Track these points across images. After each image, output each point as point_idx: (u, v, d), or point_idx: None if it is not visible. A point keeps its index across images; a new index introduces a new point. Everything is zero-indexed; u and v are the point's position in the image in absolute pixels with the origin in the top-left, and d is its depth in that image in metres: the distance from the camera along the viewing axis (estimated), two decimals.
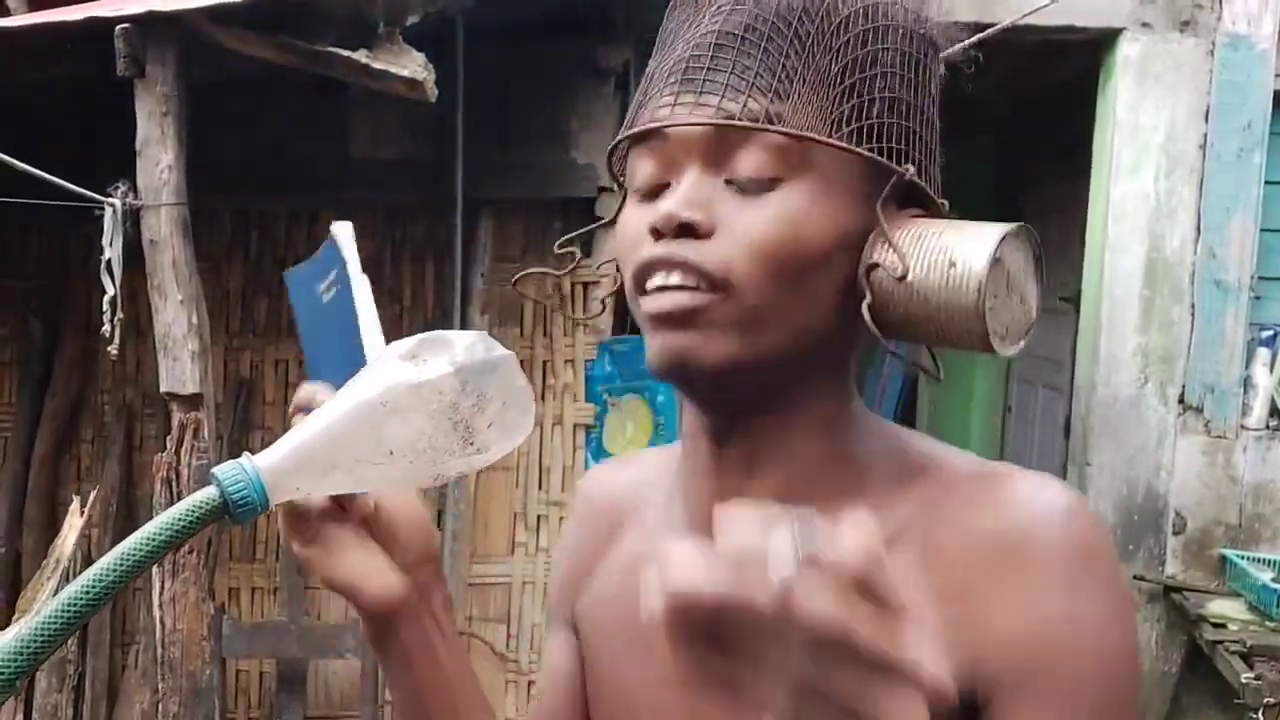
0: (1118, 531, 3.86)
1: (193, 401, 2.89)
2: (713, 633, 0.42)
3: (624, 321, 3.86)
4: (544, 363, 3.77)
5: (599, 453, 3.80)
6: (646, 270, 0.73)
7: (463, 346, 0.70)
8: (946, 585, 0.71)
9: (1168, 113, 3.74)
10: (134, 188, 2.87)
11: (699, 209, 0.71)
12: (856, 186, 0.73)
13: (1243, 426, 3.81)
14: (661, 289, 0.72)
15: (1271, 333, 3.82)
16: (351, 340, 0.83)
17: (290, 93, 3.15)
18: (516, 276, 1.00)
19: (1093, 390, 3.86)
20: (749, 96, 0.71)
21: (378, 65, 2.76)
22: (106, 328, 2.86)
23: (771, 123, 0.70)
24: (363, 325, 0.83)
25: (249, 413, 3.82)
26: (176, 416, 2.90)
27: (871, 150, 0.72)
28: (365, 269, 0.86)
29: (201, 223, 3.04)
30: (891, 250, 0.72)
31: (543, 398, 3.76)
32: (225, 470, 0.68)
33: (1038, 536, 0.70)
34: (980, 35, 2.91)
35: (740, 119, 0.71)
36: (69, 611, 0.63)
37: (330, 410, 0.70)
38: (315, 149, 3.66)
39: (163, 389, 2.91)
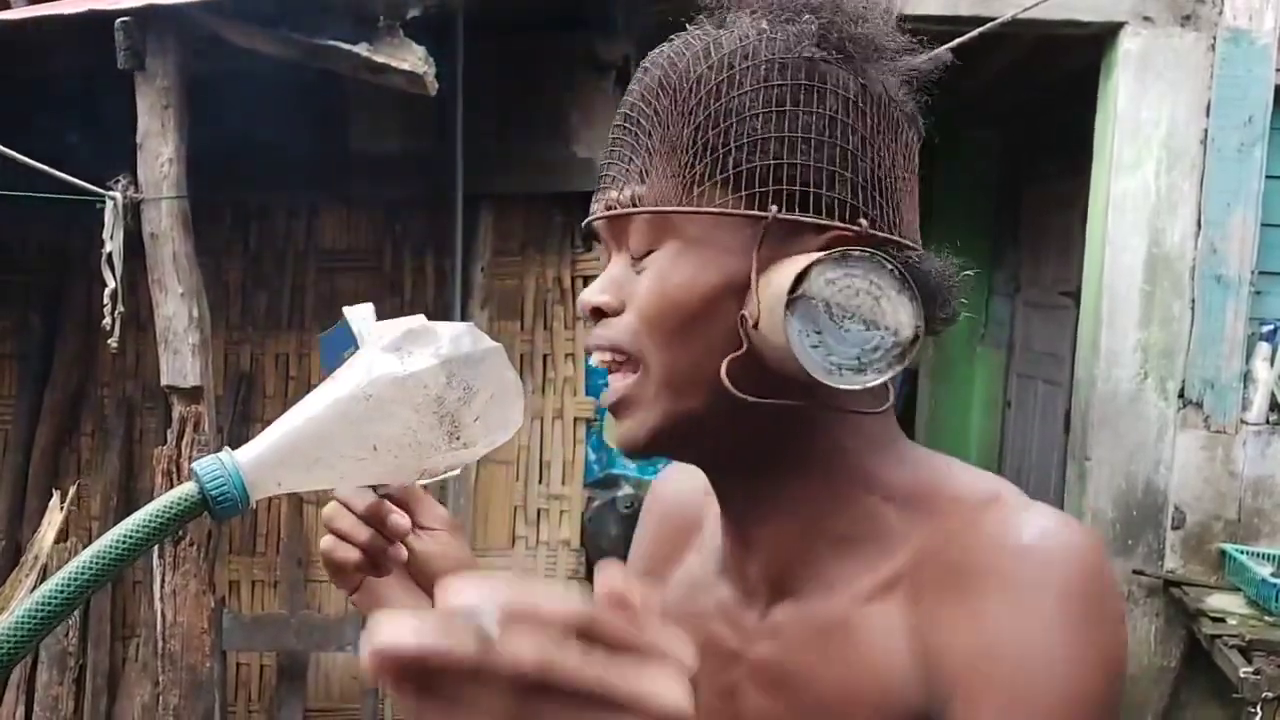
0: (1117, 526, 3.86)
1: (193, 395, 2.89)
2: (424, 684, 0.44)
3: None
4: (544, 356, 3.77)
5: (599, 446, 3.80)
6: (587, 348, 0.81)
7: (449, 338, 0.69)
8: (920, 620, 0.73)
9: (1169, 107, 3.73)
10: (134, 181, 2.87)
11: (607, 292, 0.78)
12: (733, 238, 0.74)
13: (1242, 421, 3.81)
14: (606, 381, 0.80)
15: (1272, 328, 3.81)
16: None
17: (290, 86, 3.15)
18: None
19: (1093, 385, 3.86)
20: (626, 184, 0.77)
21: (378, 59, 2.76)
22: (107, 321, 2.86)
23: (635, 205, 0.75)
24: None
25: (249, 406, 3.82)
26: (177, 410, 2.91)
27: (726, 202, 0.73)
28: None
29: (201, 216, 3.03)
30: (754, 298, 0.72)
31: (543, 391, 3.76)
32: (205, 465, 0.66)
33: (992, 565, 0.70)
34: (981, 29, 2.91)
35: (616, 207, 0.77)
36: (43, 610, 0.61)
37: (313, 404, 0.68)
38: (315, 142, 3.66)
39: (164, 382, 2.91)
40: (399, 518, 0.81)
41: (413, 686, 0.44)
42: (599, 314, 0.78)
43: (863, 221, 0.73)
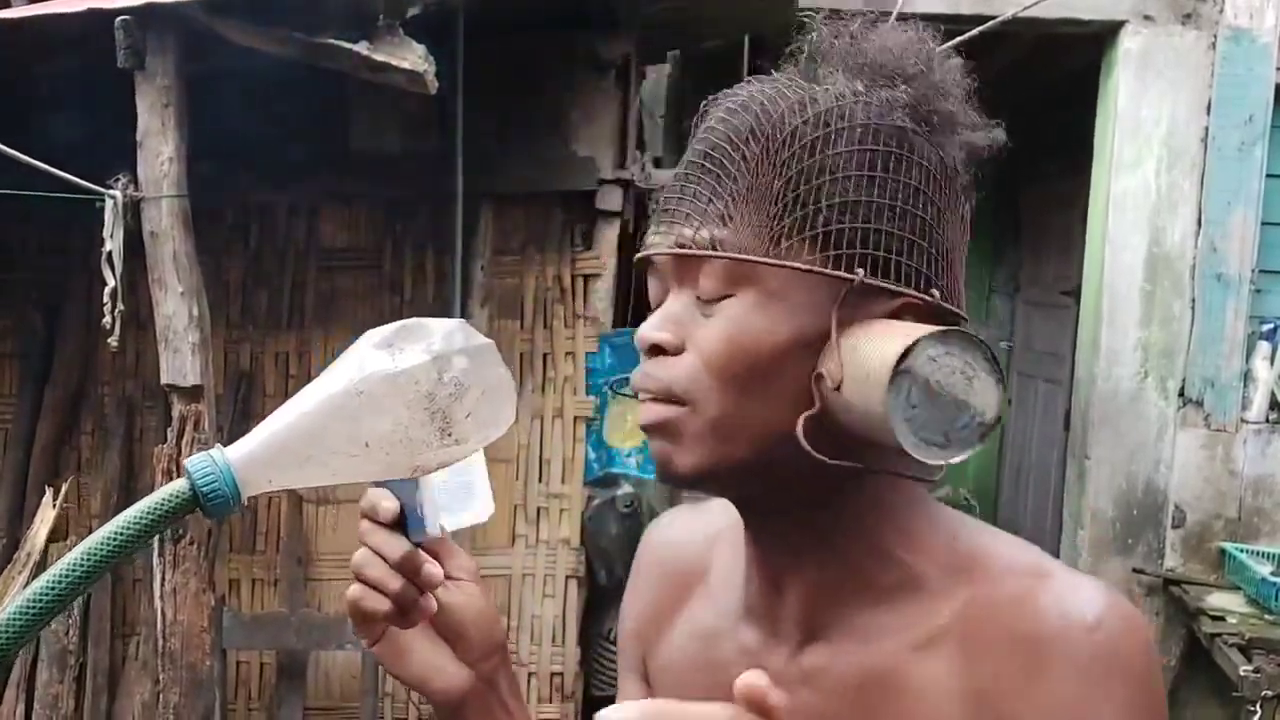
0: (1117, 524, 3.86)
1: (193, 394, 2.89)
2: None
3: (624, 314, 3.86)
4: (544, 355, 3.77)
5: (599, 445, 3.80)
6: (636, 387, 0.80)
7: (440, 335, 0.69)
8: (982, 682, 0.74)
9: (1169, 106, 3.73)
10: (134, 180, 2.87)
11: (668, 329, 0.77)
12: (812, 295, 0.74)
13: (1243, 420, 3.81)
14: (643, 402, 0.79)
15: (1272, 326, 3.82)
16: None
17: (290, 85, 3.15)
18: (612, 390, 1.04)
19: (1093, 384, 3.86)
20: (701, 224, 0.76)
21: (378, 57, 2.76)
22: (107, 320, 2.86)
23: (715, 248, 0.75)
24: None
25: (249, 405, 3.82)
26: (177, 409, 2.91)
27: (814, 260, 0.73)
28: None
29: (202, 215, 3.03)
30: (835, 359, 0.73)
31: (543, 390, 3.76)
32: (196, 462, 0.66)
33: (1062, 641, 0.72)
34: (981, 28, 2.91)
35: (691, 246, 0.76)
36: (35, 607, 0.61)
37: (304, 400, 0.68)
38: (315, 141, 3.66)
39: (163, 381, 2.91)
40: (432, 567, 0.79)
41: None
42: (657, 351, 0.78)
43: (935, 292, 0.75)
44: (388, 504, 0.78)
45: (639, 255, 0.82)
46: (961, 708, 0.75)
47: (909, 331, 0.71)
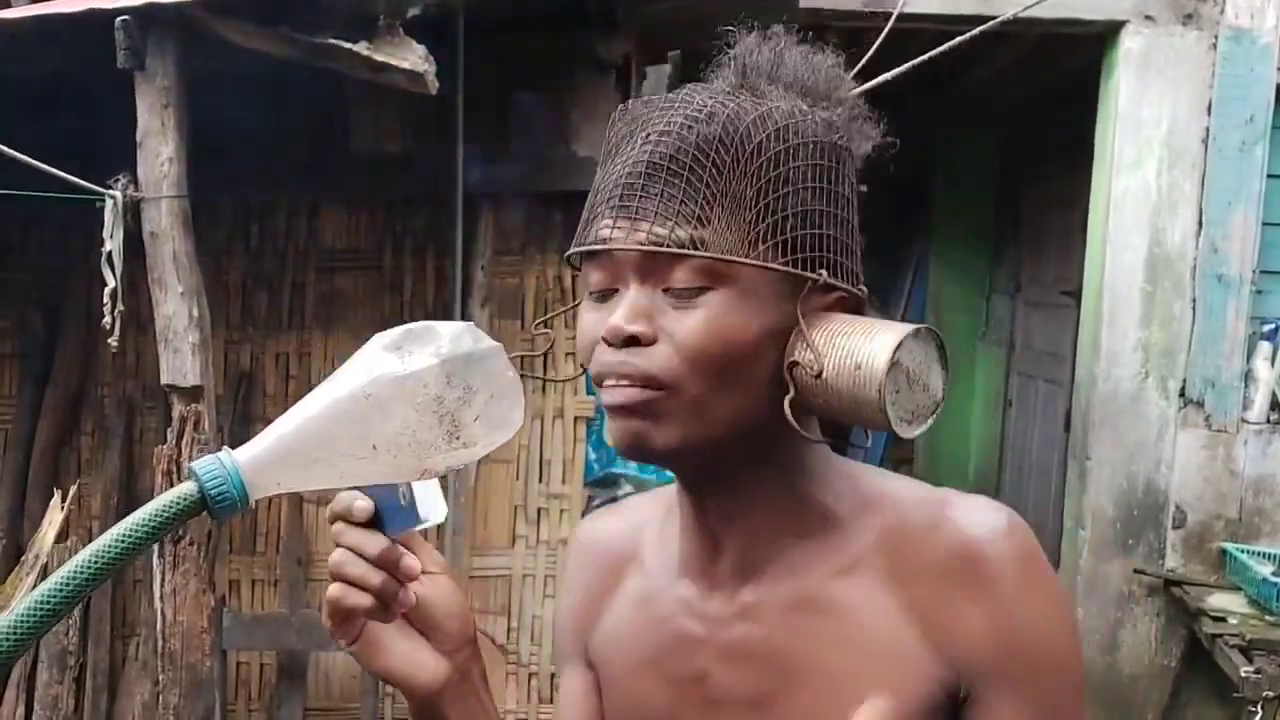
0: (1118, 525, 3.87)
1: (193, 394, 2.89)
2: None
3: None
4: (545, 356, 3.76)
5: (599, 445, 3.80)
6: (601, 376, 0.87)
7: (449, 338, 0.69)
8: (916, 596, 0.87)
9: (1170, 106, 3.73)
10: (134, 180, 2.87)
11: (641, 321, 0.84)
12: (777, 290, 0.85)
13: (1243, 420, 3.81)
14: (615, 386, 0.85)
15: (1272, 327, 3.82)
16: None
17: (291, 85, 3.15)
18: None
19: (1093, 384, 3.86)
20: (675, 224, 0.83)
21: (379, 58, 2.76)
22: (107, 320, 2.85)
23: (696, 247, 0.83)
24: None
25: (249, 405, 3.82)
26: (177, 409, 2.90)
27: (786, 262, 0.84)
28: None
29: (202, 215, 3.03)
30: (809, 350, 0.84)
31: (543, 390, 3.75)
32: (204, 465, 0.66)
33: (991, 550, 0.87)
34: (982, 28, 2.91)
35: (668, 244, 0.83)
36: (43, 608, 0.61)
37: (312, 403, 0.68)
38: (316, 141, 3.66)
39: (163, 381, 2.91)
40: (410, 559, 0.81)
41: None
42: (632, 342, 0.84)
43: (863, 288, 0.90)
44: (362, 503, 0.80)
45: (602, 247, 0.87)
46: (898, 622, 0.87)
47: (892, 328, 0.83)
